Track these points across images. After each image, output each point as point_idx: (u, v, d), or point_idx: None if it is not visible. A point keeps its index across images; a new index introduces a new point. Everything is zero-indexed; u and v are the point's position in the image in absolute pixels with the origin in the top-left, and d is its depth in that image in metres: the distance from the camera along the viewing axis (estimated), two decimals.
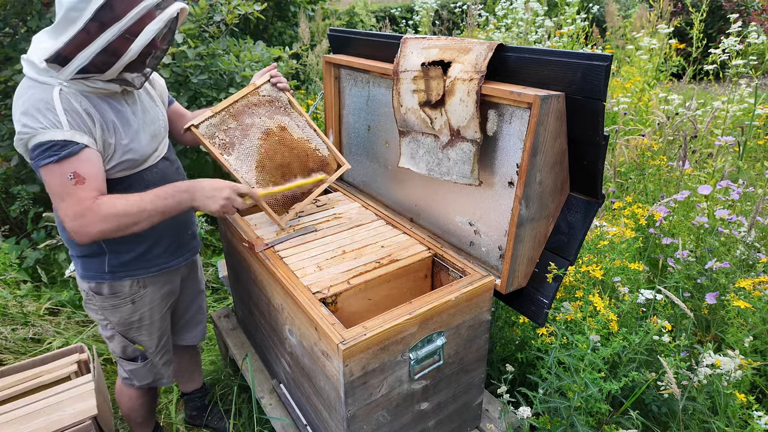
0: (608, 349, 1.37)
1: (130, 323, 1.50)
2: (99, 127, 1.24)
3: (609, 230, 1.90)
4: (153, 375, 1.63)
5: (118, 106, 1.31)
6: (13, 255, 2.77)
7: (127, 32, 1.15)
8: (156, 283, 1.51)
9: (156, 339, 1.58)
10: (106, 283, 1.43)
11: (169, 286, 1.56)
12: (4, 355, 2.33)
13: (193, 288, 1.75)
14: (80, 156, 1.19)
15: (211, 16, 2.94)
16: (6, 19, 2.61)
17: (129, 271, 1.43)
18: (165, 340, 1.62)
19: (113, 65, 1.19)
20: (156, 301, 1.52)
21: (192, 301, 1.76)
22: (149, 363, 1.60)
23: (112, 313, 1.47)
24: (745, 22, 5.35)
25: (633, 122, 3.39)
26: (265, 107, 1.66)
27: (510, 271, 1.36)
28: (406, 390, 1.31)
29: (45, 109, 1.16)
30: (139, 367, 1.59)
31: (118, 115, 1.30)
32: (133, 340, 1.54)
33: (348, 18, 7.18)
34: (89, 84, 1.22)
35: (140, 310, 1.50)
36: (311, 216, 1.78)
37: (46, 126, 1.15)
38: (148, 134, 1.39)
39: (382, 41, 1.65)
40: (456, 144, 1.37)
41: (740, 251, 1.93)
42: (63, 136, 1.16)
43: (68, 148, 1.17)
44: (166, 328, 1.62)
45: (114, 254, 1.40)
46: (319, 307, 1.25)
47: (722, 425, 1.43)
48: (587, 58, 1.10)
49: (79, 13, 1.12)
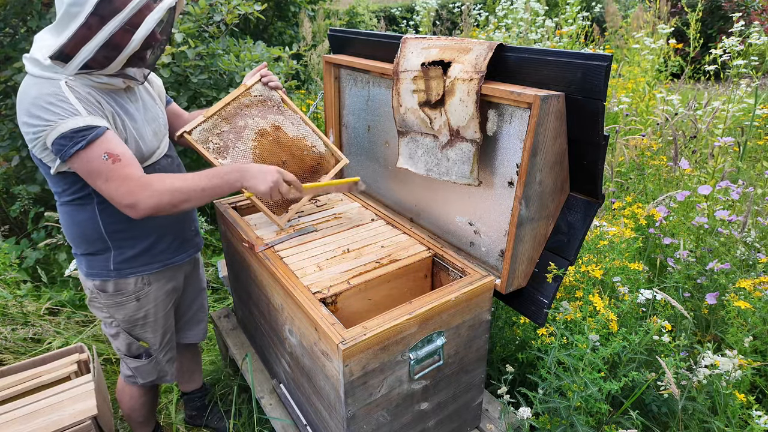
0: (608, 349, 1.37)
1: (135, 320, 1.51)
2: (110, 115, 1.26)
3: (609, 230, 1.90)
4: (157, 372, 1.64)
5: (122, 101, 1.32)
6: (13, 255, 2.77)
7: (128, 24, 1.16)
8: (160, 280, 1.51)
9: (160, 336, 1.58)
10: (111, 281, 1.43)
11: (173, 282, 1.57)
12: (4, 355, 2.33)
13: (196, 286, 1.75)
14: (106, 137, 1.20)
15: (211, 16, 2.94)
16: (6, 19, 2.61)
17: (134, 267, 1.44)
18: (169, 337, 1.63)
19: (115, 58, 1.20)
20: (160, 298, 1.53)
21: (194, 299, 1.76)
22: (153, 360, 1.61)
23: (117, 311, 1.48)
24: (746, 22, 5.35)
25: (634, 122, 3.39)
26: (257, 107, 1.65)
27: (510, 271, 1.36)
28: (406, 390, 1.31)
29: (58, 101, 1.16)
30: (143, 365, 1.60)
31: (123, 109, 1.31)
32: (138, 338, 1.55)
33: (348, 18, 7.18)
34: (93, 79, 1.23)
35: (145, 307, 1.50)
36: (311, 216, 1.79)
37: (64, 116, 1.16)
38: (150, 130, 1.40)
39: (382, 41, 1.65)
40: (455, 144, 1.37)
41: (740, 251, 1.93)
42: (84, 122, 1.17)
43: (93, 131, 1.18)
44: (170, 325, 1.62)
45: (119, 251, 1.41)
46: (319, 307, 1.25)
47: (722, 425, 1.43)
48: (587, 58, 1.10)
49: (79, 8, 1.13)
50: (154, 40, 1.27)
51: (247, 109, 1.63)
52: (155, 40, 1.28)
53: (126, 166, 1.21)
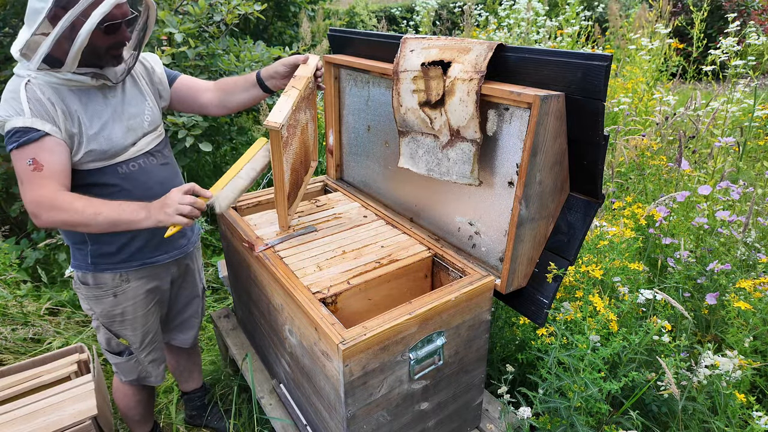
0: (608, 349, 1.37)
1: (113, 316, 1.50)
2: (62, 116, 1.25)
3: (609, 230, 1.90)
4: (138, 372, 1.62)
5: (88, 97, 1.31)
6: (13, 255, 2.77)
7: (78, 20, 1.16)
8: (140, 278, 1.50)
9: (140, 335, 1.56)
10: (90, 274, 1.45)
11: (155, 282, 1.55)
12: (4, 355, 2.33)
13: (188, 292, 1.73)
14: (41, 143, 1.22)
15: (210, 16, 2.94)
16: (6, 19, 2.61)
17: (110, 264, 1.44)
18: (151, 338, 1.60)
19: (68, 56, 1.19)
20: (140, 297, 1.51)
21: (186, 304, 1.75)
22: (134, 359, 1.59)
23: (96, 304, 1.48)
24: (746, 22, 5.35)
25: (634, 122, 3.39)
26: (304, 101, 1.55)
27: (510, 271, 1.36)
28: (406, 390, 1.31)
29: (12, 99, 1.21)
30: (123, 362, 1.59)
31: (85, 106, 1.30)
32: (117, 334, 1.54)
33: (348, 18, 7.18)
34: (58, 75, 1.23)
35: (123, 304, 1.49)
36: (311, 216, 1.79)
37: (11, 114, 1.20)
38: (122, 127, 1.38)
39: (382, 41, 1.65)
40: (456, 144, 1.37)
41: (740, 252, 1.93)
42: (23, 123, 1.20)
43: (28, 135, 1.20)
44: (152, 326, 1.60)
45: (95, 245, 1.42)
46: (319, 307, 1.25)
47: (722, 425, 1.43)
48: (587, 58, 1.10)
49: (44, 3, 1.15)
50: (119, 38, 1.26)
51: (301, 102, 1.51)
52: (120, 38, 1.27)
53: (44, 177, 1.22)
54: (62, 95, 1.26)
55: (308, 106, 1.65)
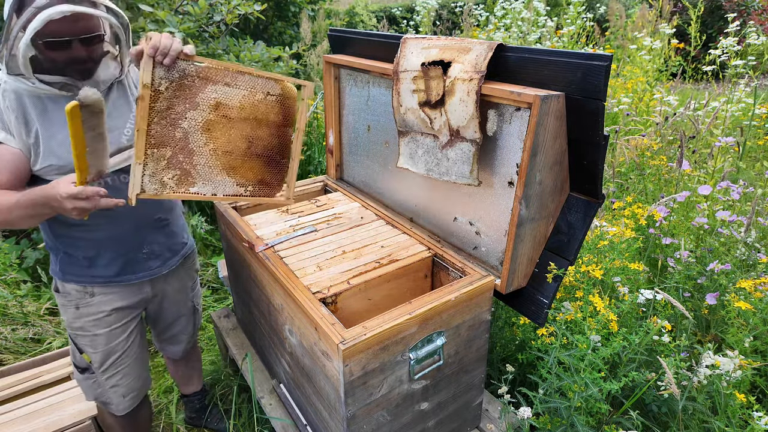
0: (608, 349, 1.37)
1: (75, 328, 1.47)
2: (22, 124, 1.24)
3: (609, 230, 1.90)
4: (95, 395, 1.55)
5: (52, 107, 1.26)
6: (13, 255, 2.77)
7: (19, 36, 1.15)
8: (106, 295, 1.45)
9: (100, 355, 1.48)
10: (59, 282, 1.45)
11: (123, 302, 1.48)
12: (4, 355, 2.33)
13: (173, 312, 1.68)
14: None
15: (211, 16, 2.94)
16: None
17: (75, 275, 1.42)
18: (114, 360, 1.51)
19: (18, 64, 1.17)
20: (101, 314, 1.45)
21: (174, 321, 1.71)
22: (94, 379, 1.52)
23: (63, 312, 1.48)
24: (746, 21, 5.35)
25: (634, 122, 3.39)
26: (179, 100, 1.23)
27: (510, 271, 1.36)
28: (406, 390, 1.31)
29: None
30: (82, 379, 1.54)
31: (44, 116, 1.25)
32: (80, 348, 1.49)
33: (348, 18, 7.18)
34: (27, 82, 1.21)
35: (83, 318, 1.45)
36: (311, 216, 1.78)
37: None
38: None
39: (382, 41, 1.65)
40: (455, 144, 1.37)
41: (740, 252, 1.93)
42: None
43: None
44: (116, 348, 1.50)
45: (64, 254, 1.41)
46: (319, 307, 1.25)
47: (722, 425, 1.43)
48: (587, 58, 1.10)
49: (9, 8, 1.17)
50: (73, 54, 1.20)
51: (169, 113, 1.22)
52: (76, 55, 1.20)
53: None
54: (28, 102, 1.24)
55: (193, 95, 1.25)
